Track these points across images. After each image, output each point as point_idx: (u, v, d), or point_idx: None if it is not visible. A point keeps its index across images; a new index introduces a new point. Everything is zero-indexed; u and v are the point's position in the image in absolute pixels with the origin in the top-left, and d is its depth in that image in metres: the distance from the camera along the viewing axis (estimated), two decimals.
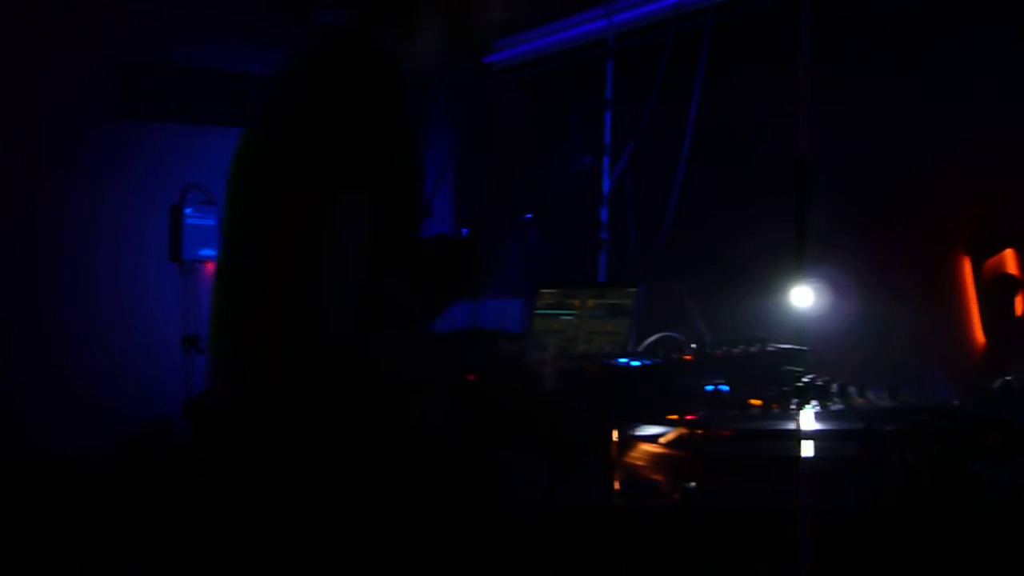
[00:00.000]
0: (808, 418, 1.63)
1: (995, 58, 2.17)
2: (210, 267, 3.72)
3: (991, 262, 2.20)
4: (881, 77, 2.43)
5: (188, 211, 3.64)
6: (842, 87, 2.47)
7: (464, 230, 3.56)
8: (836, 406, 1.70)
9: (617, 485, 1.50)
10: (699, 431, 1.61)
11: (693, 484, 1.41)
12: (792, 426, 1.61)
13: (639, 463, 1.57)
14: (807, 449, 1.52)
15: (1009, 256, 2.16)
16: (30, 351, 3.40)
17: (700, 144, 2.78)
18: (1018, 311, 2.13)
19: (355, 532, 1.30)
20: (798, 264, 2.24)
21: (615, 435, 1.61)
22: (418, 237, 1.50)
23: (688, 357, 1.97)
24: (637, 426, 1.67)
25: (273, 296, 1.24)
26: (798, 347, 2.02)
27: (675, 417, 1.66)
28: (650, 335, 2.46)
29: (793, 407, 1.69)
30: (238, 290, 1.36)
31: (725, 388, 1.83)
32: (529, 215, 3.15)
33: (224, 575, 1.36)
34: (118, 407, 3.50)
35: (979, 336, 2.18)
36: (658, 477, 1.50)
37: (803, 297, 2.19)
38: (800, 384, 1.84)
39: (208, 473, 1.39)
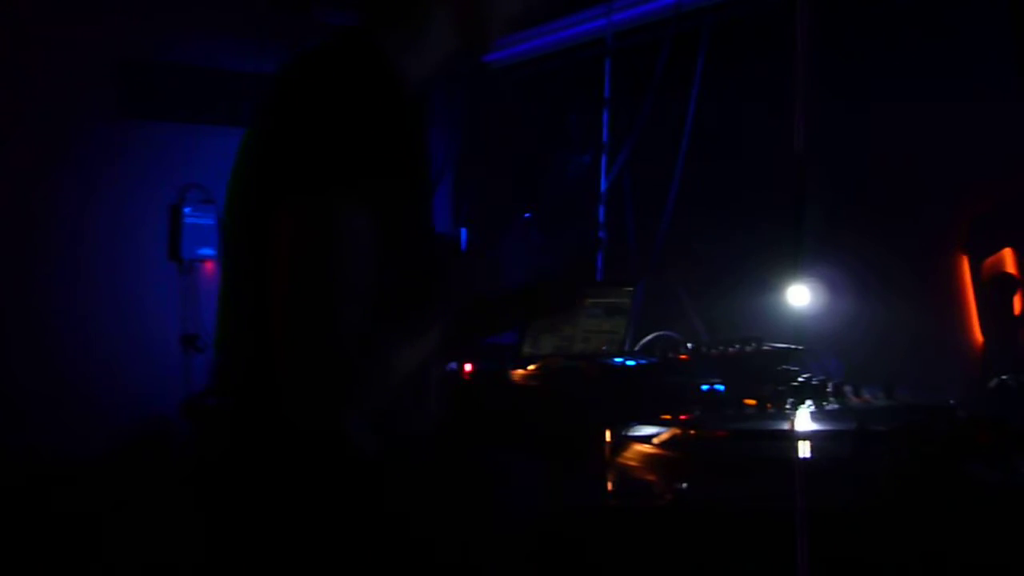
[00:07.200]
0: (803, 418, 1.63)
1: (995, 56, 2.16)
2: (209, 266, 3.72)
3: (990, 262, 2.18)
4: (880, 76, 2.42)
5: (187, 210, 3.63)
6: (840, 85, 2.46)
7: (463, 229, 3.56)
8: (831, 406, 1.69)
9: (610, 486, 1.49)
10: (692, 431, 1.60)
11: (685, 485, 1.40)
12: (787, 426, 1.60)
13: (632, 463, 1.56)
14: (802, 449, 1.51)
15: (1008, 256, 2.15)
16: (29, 350, 3.39)
17: (698, 143, 2.77)
18: (1016, 311, 2.12)
19: (352, 539, 1.29)
20: (795, 263, 2.24)
21: (609, 435, 1.61)
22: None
23: (684, 356, 1.97)
24: (632, 426, 1.66)
25: (278, 303, 1.23)
26: (794, 346, 2.01)
27: (669, 417, 1.66)
28: (647, 334, 2.45)
29: (788, 407, 1.68)
30: (241, 295, 1.35)
31: (721, 387, 1.83)
32: (528, 214, 3.14)
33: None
34: (117, 406, 3.49)
35: (977, 335, 2.17)
36: (651, 478, 1.49)
37: (799, 296, 2.19)
38: (795, 383, 1.83)
39: (206, 472, 1.38)
